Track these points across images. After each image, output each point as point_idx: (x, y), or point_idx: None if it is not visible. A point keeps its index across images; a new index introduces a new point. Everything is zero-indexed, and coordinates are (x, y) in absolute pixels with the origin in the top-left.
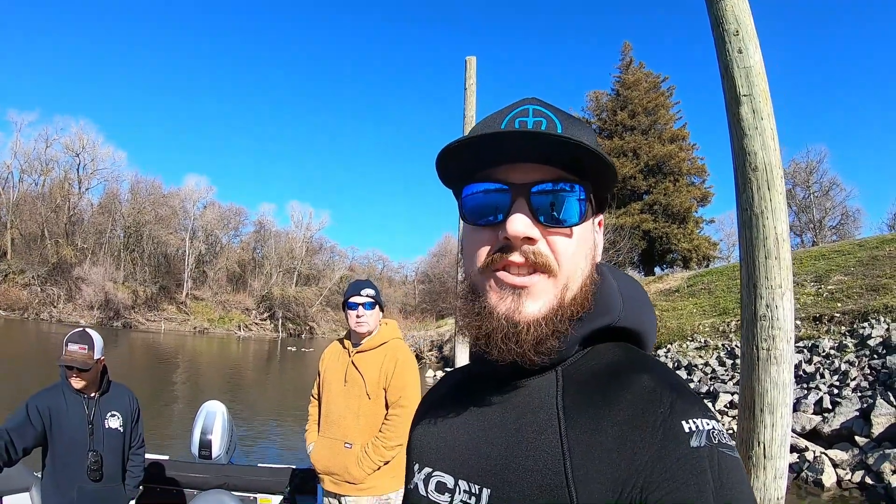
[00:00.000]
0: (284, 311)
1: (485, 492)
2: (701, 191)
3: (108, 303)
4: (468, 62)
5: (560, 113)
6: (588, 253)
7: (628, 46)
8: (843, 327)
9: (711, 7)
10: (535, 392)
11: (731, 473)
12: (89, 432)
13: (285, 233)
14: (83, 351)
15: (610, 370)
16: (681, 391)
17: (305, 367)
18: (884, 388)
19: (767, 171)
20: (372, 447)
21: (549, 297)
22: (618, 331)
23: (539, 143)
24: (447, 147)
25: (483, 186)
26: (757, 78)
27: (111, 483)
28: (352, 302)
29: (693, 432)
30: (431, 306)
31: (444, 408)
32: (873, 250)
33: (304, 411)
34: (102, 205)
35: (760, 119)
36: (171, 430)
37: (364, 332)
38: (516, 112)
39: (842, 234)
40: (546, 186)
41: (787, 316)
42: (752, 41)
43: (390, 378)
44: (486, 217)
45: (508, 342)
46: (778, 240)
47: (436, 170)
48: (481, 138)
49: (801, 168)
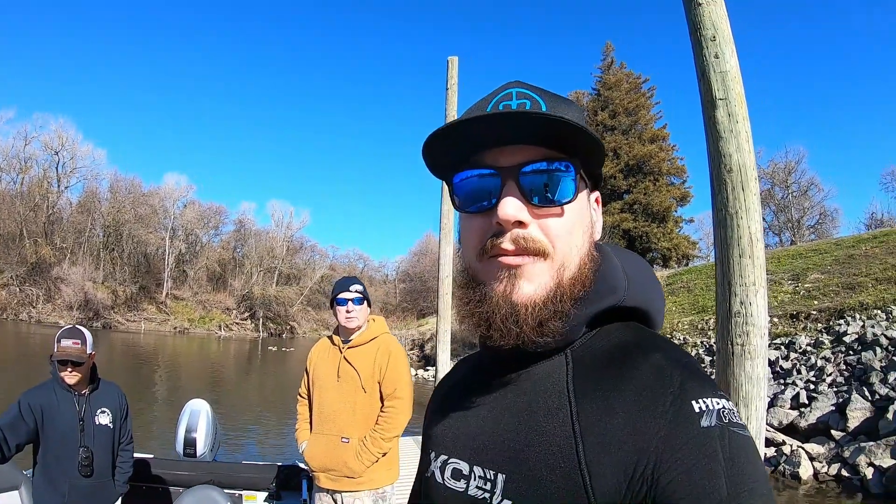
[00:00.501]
0: (265, 311)
1: (500, 477)
2: (680, 190)
3: (88, 303)
4: (450, 62)
5: (544, 93)
6: (585, 230)
7: (610, 47)
8: (820, 324)
9: (689, 13)
10: (545, 376)
11: (743, 453)
12: (80, 428)
13: (265, 232)
14: (77, 346)
15: (619, 351)
16: (691, 370)
17: (286, 366)
18: (859, 383)
19: (742, 172)
20: (370, 439)
21: (544, 279)
22: (625, 310)
23: (524, 124)
24: (431, 136)
25: (472, 173)
26: (733, 82)
27: (102, 478)
28: (341, 298)
29: (703, 412)
30: (413, 305)
31: (457, 395)
32: (850, 249)
33: (285, 410)
34: (82, 204)
35: (735, 122)
36: (154, 430)
37: (354, 328)
38: (501, 96)
39: (820, 233)
40: (535, 167)
41: (761, 313)
42: (729, 46)
43: (384, 371)
44: (477, 203)
45: (507, 322)
46: (752, 239)
47: (423, 160)
48: (464, 123)
49: (780, 168)
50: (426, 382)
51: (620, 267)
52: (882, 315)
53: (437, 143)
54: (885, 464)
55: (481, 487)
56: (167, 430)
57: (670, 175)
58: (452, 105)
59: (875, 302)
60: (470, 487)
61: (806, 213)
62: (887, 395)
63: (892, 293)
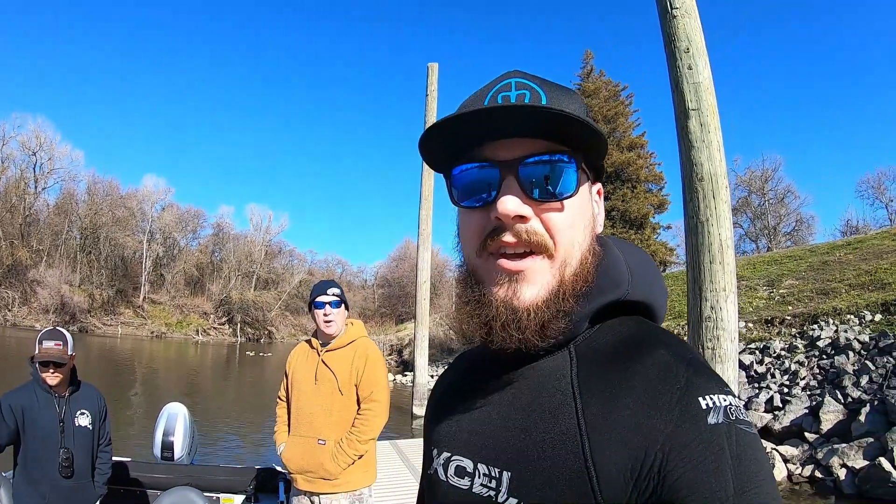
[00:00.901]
0: (243, 316)
1: (505, 475)
2: (658, 197)
3: (64, 306)
4: (430, 68)
5: (544, 83)
6: (587, 224)
7: (590, 55)
8: (794, 329)
9: (664, 25)
10: (549, 372)
11: (750, 450)
12: (60, 430)
13: (244, 236)
14: (59, 347)
15: (623, 346)
16: (697, 366)
17: (264, 371)
18: (832, 386)
19: (713, 181)
20: (347, 441)
21: (546, 278)
22: (628, 304)
23: (524, 117)
24: (428, 129)
25: (471, 166)
26: (705, 93)
27: (82, 479)
28: (319, 301)
29: (710, 409)
30: (391, 310)
31: (459, 391)
32: (824, 256)
33: (262, 414)
34: (59, 205)
35: (707, 132)
36: (131, 434)
37: (332, 331)
38: (499, 87)
39: (796, 240)
40: (535, 160)
41: (731, 317)
42: (702, 58)
43: (361, 374)
44: (476, 196)
45: (508, 329)
46: (722, 245)
47: (420, 152)
48: (462, 117)
49: (757, 176)
50: (404, 388)
51: (623, 260)
52: (855, 320)
53: (434, 136)
54: (858, 465)
55: (486, 485)
56: (145, 434)
57: (648, 182)
58: (432, 111)
59: (848, 307)
60: (474, 485)
61: (782, 220)
62: (859, 397)
63: (865, 298)
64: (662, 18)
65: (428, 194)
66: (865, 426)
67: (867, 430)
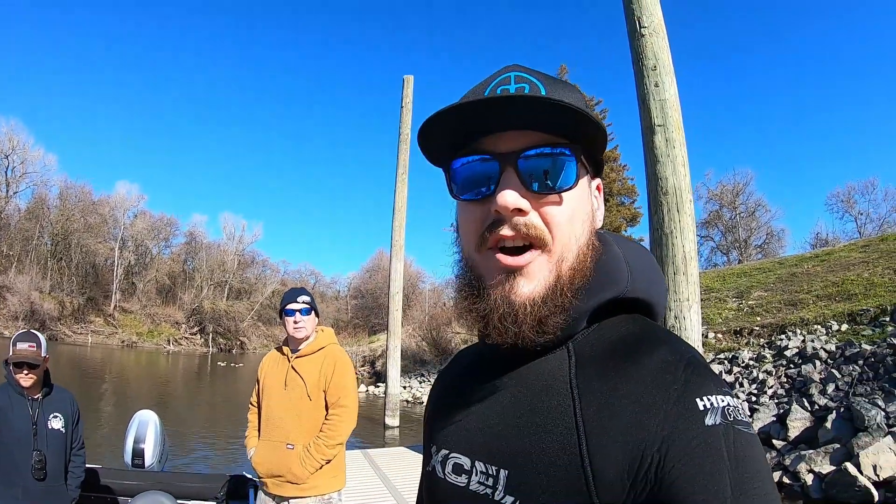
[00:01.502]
0: (215, 326)
1: (502, 473)
2: (631, 210)
3: (34, 313)
4: (405, 80)
5: (543, 77)
6: (585, 218)
7: (564, 69)
8: (762, 339)
9: (633, 43)
10: (548, 370)
11: (748, 452)
12: (33, 432)
13: (217, 245)
14: (32, 348)
15: (622, 344)
16: (695, 365)
17: (236, 381)
18: (799, 394)
19: (677, 194)
20: (314, 446)
21: (544, 273)
22: (627, 302)
23: (523, 109)
24: (427, 120)
25: (470, 159)
26: (671, 110)
27: (54, 482)
28: (289, 309)
29: (708, 410)
30: (364, 322)
31: (457, 389)
32: (792, 268)
33: (234, 423)
34: (30, 210)
35: (673, 147)
36: (102, 441)
37: (302, 338)
38: (499, 80)
39: (767, 252)
40: (534, 152)
41: (695, 326)
42: (669, 76)
43: (330, 380)
44: (475, 190)
45: (506, 322)
46: (686, 257)
47: (418, 145)
48: (461, 108)
49: (728, 190)
50: (377, 399)
51: (622, 257)
52: (822, 330)
53: (433, 127)
54: (825, 470)
55: (483, 483)
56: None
57: (621, 195)
58: (406, 123)
59: (815, 318)
60: (471, 482)
61: (753, 233)
62: (826, 405)
63: (832, 309)
64: (631, 37)
65: (401, 205)
66: (832, 433)
67: (833, 436)
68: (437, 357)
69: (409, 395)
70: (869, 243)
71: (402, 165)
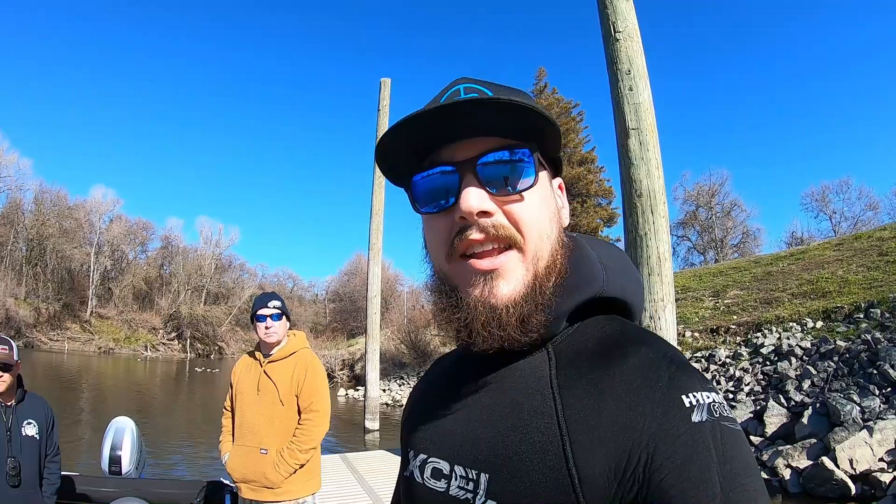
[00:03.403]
0: (193, 331)
1: (483, 477)
2: (608, 211)
3: (9, 320)
4: (382, 83)
5: (493, 85)
6: (552, 216)
7: (543, 72)
8: (739, 337)
9: (607, 47)
10: (528, 373)
11: (735, 447)
12: (7, 439)
13: (194, 249)
14: (4, 351)
15: (603, 345)
16: (679, 363)
17: (213, 387)
18: (775, 391)
19: (651, 197)
20: (287, 451)
21: (521, 273)
22: (605, 303)
23: (476, 113)
24: (382, 137)
25: (429, 172)
26: (645, 113)
27: (29, 489)
28: (260, 314)
29: (694, 406)
30: (342, 325)
31: (436, 394)
32: (767, 266)
33: (212, 430)
34: (4, 215)
35: (646, 150)
36: (79, 448)
37: (273, 343)
38: (449, 93)
39: (743, 251)
40: (491, 157)
41: (670, 326)
42: (643, 80)
43: (302, 385)
44: (437, 202)
45: (490, 327)
46: (660, 259)
47: (379, 169)
48: (412, 120)
49: (705, 190)
50: (356, 402)
51: (596, 257)
52: (797, 327)
53: (389, 144)
54: (802, 465)
55: (463, 487)
56: (92, 449)
57: (598, 196)
58: (384, 127)
59: (791, 315)
60: (451, 487)
61: (729, 232)
62: (802, 401)
63: (807, 307)
64: (606, 41)
65: (378, 208)
66: (808, 428)
67: (810, 431)
68: (416, 360)
69: (388, 399)
70: (843, 241)
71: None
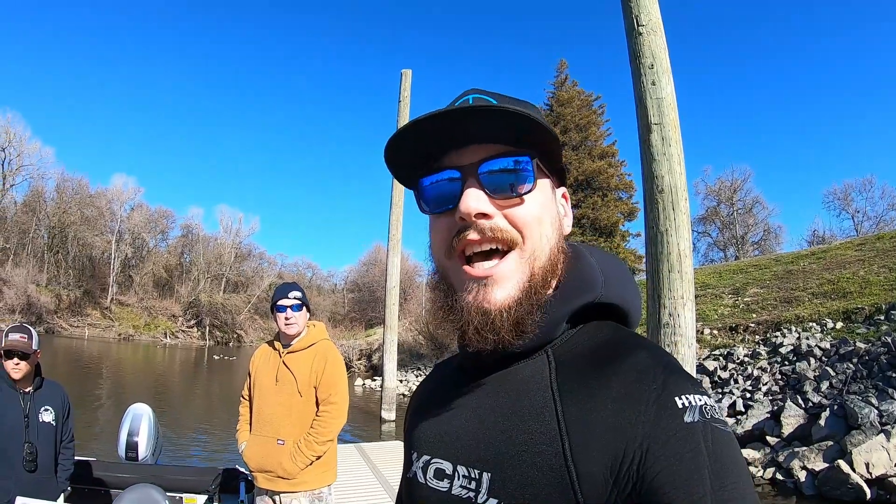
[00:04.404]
0: (212, 319)
1: (485, 476)
2: (628, 206)
3: (31, 306)
4: (403, 74)
5: (501, 95)
6: (553, 221)
7: (564, 64)
8: (758, 336)
9: (630, 41)
10: (528, 375)
11: (725, 448)
12: (25, 425)
13: (214, 238)
14: (24, 339)
15: (601, 349)
16: (672, 368)
17: (231, 374)
18: (793, 391)
19: (673, 193)
20: (304, 442)
21: (516, 275)
22: (603, 309)
23: (480, 121)
24: (390, 140)
25: (435, 177)
26: (668, 108)
27: (45, 474)
28: (280, 305)
29: (686, 408)
30: (361, 315)
31: (439, 396)
32: (788, 265)
33: (229, 417)
34: (27, 203)
35: (669, 146)
36: (96, 434)
37: (293, 333)
38: (458, 102)
39: (763, 249)
40: (493, 163)
41: (689, 324)
42: (666, 74)
43: (321, 377)
44: (442, 205)
45: (483, 331)
46: (681, 255)
47: (387, 166)
48: (421, 122)
49: (726, 186)
50: (373, 392)
51: (595, 264)
52: (817, 327)
53: (397, 147)
54: (818, 467)
55: (465, 487)
56: (110, 435)
57: (618, 190)
58: (404, 117)
59: (810, 315)
60: (454, 487)
61: (750, 229)
62: (819, 402)
63: (827, 307)
64: (629, 34)
65: (398, 199)
66: (825, 430)
67: (827, 433)
68: (433, 351)
69: (405, 389)
70: (865, 241)
71: None
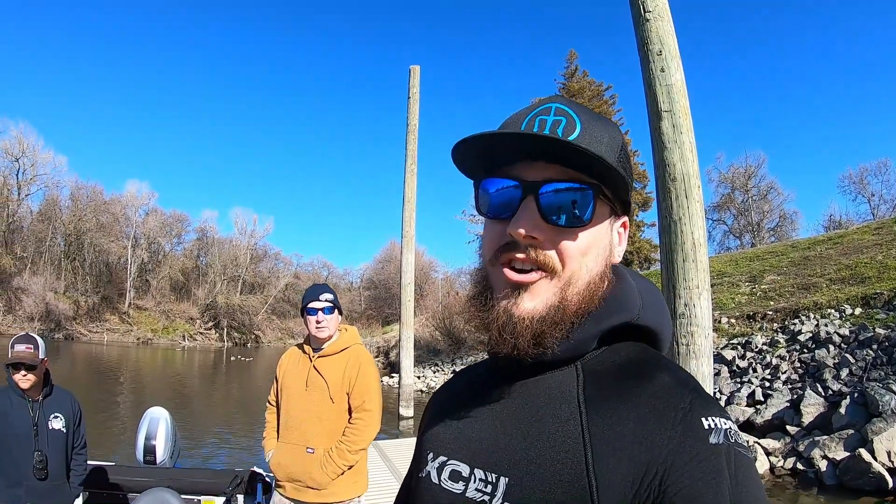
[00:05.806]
0: (229, 320)
1: (502, 480)
2: (642, 196)
3: (49, 314)
4: (412, 71)
5: (583, 112)
6: (600, 253)
7: (574, 55)
8: (776, 324)
9: (638, 28)
10: (556, 385)
11: (747, 472)
12: (34, 433)
13: (229, 240)
14: (30, 350)
15: (630, 366)
16: (699, 391)
17: (249, 376)
18: (813, 380)
19: (685, 181)
20: (336, 451)
21: (547, 295)
22: (636, 331)
23: (551, 145)
24: (462, 141)
25: (499, 183)
26: (678, 95)
27: (56, 481)
28: (311, 307)
29: (712, 429)
30: (377, 312)
31: (460, 400)
32: (805, 251)
33: (248, 419)
34: (42, 212)
35: (680, 133)
36: (115, 438)
37: (325, 337)
38: (539, 110)
39: (779, 235)
40: (555, 186)
41: (705, 314)
42: (675, 60)
43: (354, 383)
44: (497, 212)
45: (504, 332)
46: (695, 244)
47: (453, 161)
48: (492, 137)
49: (740, 173)
50: (391, 389)
51: (636, 288)
52: (835, 314)
53: (467, 147)
54: (839, 456)
55: (481, 490)
56: (128, 439)
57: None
58: (414, 114)
59: (829, 301)
60: (469, 489)
61: (766, 216)
62: (839, 390)
63: (846, 293)
64: (636, 21)
65: (411, 196)
66: (846, 418)
67: (847, 422)
68: (450, 347)
69: (422, 385)
70: (882, 225)
71: (410, 156)
